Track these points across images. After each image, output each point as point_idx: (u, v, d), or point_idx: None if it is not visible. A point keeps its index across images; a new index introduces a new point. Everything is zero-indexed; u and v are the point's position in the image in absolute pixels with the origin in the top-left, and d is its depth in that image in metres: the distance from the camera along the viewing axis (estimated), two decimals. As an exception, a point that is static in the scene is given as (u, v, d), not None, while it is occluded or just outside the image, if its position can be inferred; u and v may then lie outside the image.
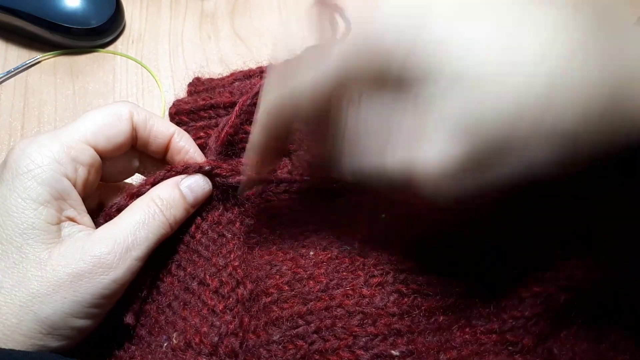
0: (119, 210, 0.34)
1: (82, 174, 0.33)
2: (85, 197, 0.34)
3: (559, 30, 0.24)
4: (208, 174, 0.37)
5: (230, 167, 0.37)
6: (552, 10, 0.24)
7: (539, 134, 0.23)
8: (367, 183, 0.29)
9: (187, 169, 0.36)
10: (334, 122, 0.29)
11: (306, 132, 0.35)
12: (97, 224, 0.34)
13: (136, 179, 0.40)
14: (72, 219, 0.33)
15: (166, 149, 0.37)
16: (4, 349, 0.28)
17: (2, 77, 0.53)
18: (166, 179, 0.35)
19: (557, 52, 0.23)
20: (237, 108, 0.39)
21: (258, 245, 0.38)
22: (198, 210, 0.37)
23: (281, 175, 0.40)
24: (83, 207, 0.34)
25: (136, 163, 0.38)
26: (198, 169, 0.36)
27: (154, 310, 0.34)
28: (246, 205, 0.39)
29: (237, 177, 0.37)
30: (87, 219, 0.34)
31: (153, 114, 0.37)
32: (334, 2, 0.33)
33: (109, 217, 0.34)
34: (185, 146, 0.37)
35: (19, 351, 0.29)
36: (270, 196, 0.40)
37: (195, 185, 0.36)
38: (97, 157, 0.34)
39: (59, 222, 0.32)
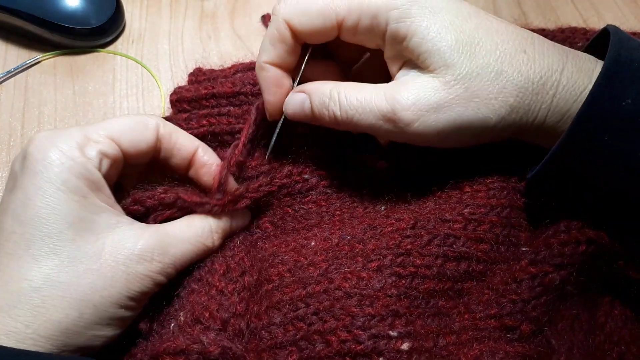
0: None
1: (105, 166, 0.33)
2: None
3: None
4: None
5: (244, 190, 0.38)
6: None
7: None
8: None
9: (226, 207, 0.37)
10: None
11: None
12: None
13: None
14: (110, 208, 0.33)
15: (189, 163, 0.37)
16: (19, 349, 0.28)
17: (2, 77, 0.53)
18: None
19: None
20: (242, 138, 0.39)
21: (261, 240, 0.39)
22: None
23: (280, 181, 0.40)
24: (113, 197, 0.34)
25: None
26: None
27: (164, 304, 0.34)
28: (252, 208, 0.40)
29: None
30: (119, 207, 0.35)
31: (178, 128, 0.37)
32: None
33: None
34: (209, 160, 0.37)
35: (31, 352, 0.29)
36: (274, 202, 0.41)
37: (242, 224, 0.39)
38: (121, 154, 0.34)
39: (100, 212, 0.32)
